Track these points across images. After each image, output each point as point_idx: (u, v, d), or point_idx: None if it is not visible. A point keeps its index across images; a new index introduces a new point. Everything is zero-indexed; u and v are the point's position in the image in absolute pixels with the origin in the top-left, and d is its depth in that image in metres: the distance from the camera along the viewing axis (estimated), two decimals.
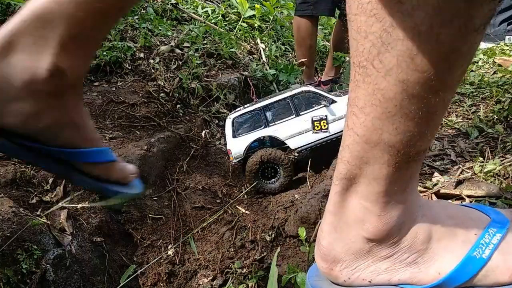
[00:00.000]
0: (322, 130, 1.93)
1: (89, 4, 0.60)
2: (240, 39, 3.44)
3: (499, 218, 0.66)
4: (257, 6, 3.79)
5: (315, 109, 1.93)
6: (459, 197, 1.15)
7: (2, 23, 0.62)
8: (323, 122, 1.92)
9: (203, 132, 2.35)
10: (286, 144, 1.97)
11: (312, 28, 2.67)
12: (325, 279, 0.69)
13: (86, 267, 1.46)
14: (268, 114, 1.97)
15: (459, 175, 1.30)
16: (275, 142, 1.99)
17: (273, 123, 1.96)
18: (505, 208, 0.87)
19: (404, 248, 0.61)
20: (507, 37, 2.72)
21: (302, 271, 1.18)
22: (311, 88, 1.96)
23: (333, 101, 1.92)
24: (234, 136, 1.99)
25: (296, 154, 1.97)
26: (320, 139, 1.94)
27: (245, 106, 2.05)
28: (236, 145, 1.99)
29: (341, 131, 1.92)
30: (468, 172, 1.30)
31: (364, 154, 0.55)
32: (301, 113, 1.94)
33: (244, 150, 1.98)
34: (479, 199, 1.12)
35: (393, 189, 0.57)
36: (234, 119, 2.00)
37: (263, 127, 1.97)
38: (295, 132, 1.95)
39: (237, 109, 2.07)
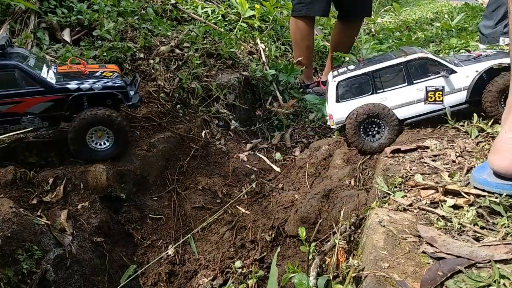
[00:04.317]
0: (436, 102, 1.76)
1: None
2: (240, 39, 3.44)
3: None
4: (257, 6, 3.79)
5: (431, 79, 1.76)
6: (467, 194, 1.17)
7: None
8: (438, 93, 1.75)
9: (203, 132, 2.35)
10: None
11: (309, 28, 2.65)
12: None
13: (87, 267, 1.46)
14: (377, 80, 1.81)
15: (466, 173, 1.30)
16: None
17: (382, 90, 1.80)
18: None
19: None
20: (501, 38, 2.70)
21: (302, 271, 1.18)
22: (429, 55, 1.79)
23: (453, 71, 1.75)
24: (337, 101, 1.85)
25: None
26: (432, 111, 1.77)
27: (350, 68, 1.89)
28: (339, 111, 1.84)
29: (457, 104, 1.76)
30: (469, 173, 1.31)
31: None
32: (414, 82, 1.77)
33: (347, 117, 1.84)
34: (481, 197, 1.13)
35: None
36: (339, 82, 1.84)
37: (370, 93, 1.81)
38: (406, 101, 1.78)
39: (341, 71, 1.90)
